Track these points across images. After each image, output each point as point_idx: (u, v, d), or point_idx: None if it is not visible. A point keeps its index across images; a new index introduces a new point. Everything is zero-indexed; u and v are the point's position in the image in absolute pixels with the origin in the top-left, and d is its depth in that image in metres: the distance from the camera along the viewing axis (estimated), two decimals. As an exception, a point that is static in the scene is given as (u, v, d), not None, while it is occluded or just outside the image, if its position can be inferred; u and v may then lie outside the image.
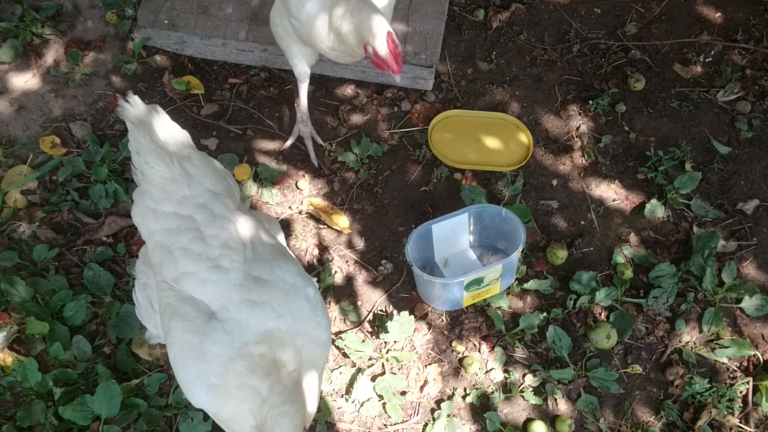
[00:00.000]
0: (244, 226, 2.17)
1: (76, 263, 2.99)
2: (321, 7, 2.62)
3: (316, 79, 3.48)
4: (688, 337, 2.92)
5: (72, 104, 3.41)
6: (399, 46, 2.48)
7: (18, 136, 3.31)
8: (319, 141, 3.33)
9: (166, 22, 3.50)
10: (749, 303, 2.93)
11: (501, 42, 3.65)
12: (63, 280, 2.90)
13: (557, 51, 3.63)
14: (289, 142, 3.32)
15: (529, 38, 3.67)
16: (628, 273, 3.01)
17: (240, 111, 3.45)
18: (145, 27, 3.51)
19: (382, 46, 2.45)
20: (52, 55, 3.53)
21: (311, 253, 3.11)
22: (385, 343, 2.89)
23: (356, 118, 3.43)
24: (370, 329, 2.94)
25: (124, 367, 2.77)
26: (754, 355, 2.87)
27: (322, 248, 3.12)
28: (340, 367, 2.84)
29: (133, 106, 2.22)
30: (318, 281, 3.02)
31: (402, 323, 2.86)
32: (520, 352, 2.89)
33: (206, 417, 2.66)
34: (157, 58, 3.54)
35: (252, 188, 3.21)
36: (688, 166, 3.27)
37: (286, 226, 3.17)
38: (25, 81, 3.46)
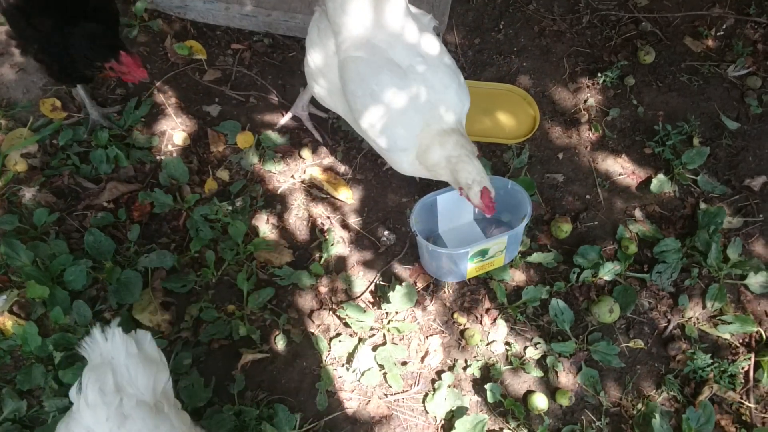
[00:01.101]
0: None
1: (76, 228, 2.97)
2: (408, 145, 2.60)
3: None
4: (691, 312, 2.91)
5: (73, 67, 3.36)
6: (493, 198, 2.51)
7: (18, 98, 3.26)
8: (322, 114, 3.28)
9: (168, -15, 3.44)
10: (754, 280, 2.91)
11: (510, 12, 3.59)
12: (63, 245, 2.88)
13: (567, 22, 3.57)
14: (283, 121, 3.27)
15: (539, 8, 3.60)
16: (633, 248, 2.99)
17: (243, 77, 3.40)
18: (147, -10, 3.45)
19: (476, 199, 2.51)
20: (52, 17, 3.47)
21: (313, 222, 3.09)
22: (387, 313, 2.87)
23: (361, 87, 3.38)
24: (371, 299, 2.93)
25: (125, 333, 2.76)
26: (757, 332, 2.86)
27: (325, 218, 3.09)
28: (340, 335, 2.83)
29: (108, 340, 1.96)
30: (320, 252, 3.00)
31: (404, 294, 2.84)
32: (522, 325, 2.88)
33: (207, 383, 2.66)
34: (159, 22, 3.48)
35: (254, 157, 3.17)
36: (696, 141, 3.23)
37: (289, 195, 3.14)
38: (25, 43, 3.40)
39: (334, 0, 2.48)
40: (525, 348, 2.83)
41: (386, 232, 3.06)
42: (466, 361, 2.82)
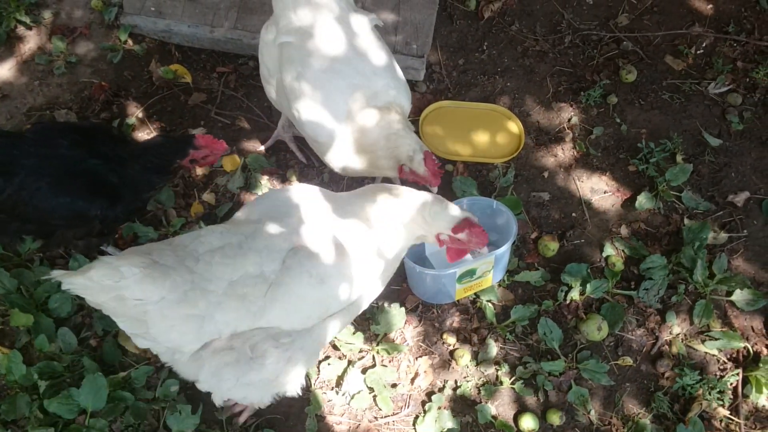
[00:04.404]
0: None
1: (60, 254, 2.93)
2: (342, 131, 2.56)
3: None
4: (679, 329, 2.92)
5: (57, 92, 3.35)
6: (438, 165, 2.47)
7: (1, 124, 3.24)
8: None
9: (152, 9, 3.44)
10: (740, 296, 2.93)
11: (493, 32, 3.62)
12: (48, 272, 2.83)
13: (549, 42, 3.60)
14: (267, 144, 3.26)
15: (521, 29, 3.64)
16: (619, 265, 3.01)
17: (229, 100, 3.40)
18: (131, 14, 3.45)
19: (420, 167, 2.44)
20: (36, 42, 3.47)
21: (301, 244, 3.07)
22: (376, 335, 2.86)
23: (346, 109, 3.39)
24: (360, 321, 2.91)
25: (110, 360, 2.73)
26: (744, 347, 2.87)
27: (312, 240, 3.08)
28: (329, 359, 2.81)
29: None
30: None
31: (393, 315, 2.83)
32: (510, 345, 2.88)
33: (194, 410, 2.63)
34: (144, 45, 3.48)
35: (241, 179, 3.16)
36: (679, 158, 3.26)
37: (276, 217, 3.13)
38: (8, 69, 3.39)
39: None
40: (514, 367, 2.83)
41: (374, 254, 3.05)
42: (455, 381, 2.81)
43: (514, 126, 3.35)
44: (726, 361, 2.87)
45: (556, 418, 2.71)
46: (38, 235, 2.79)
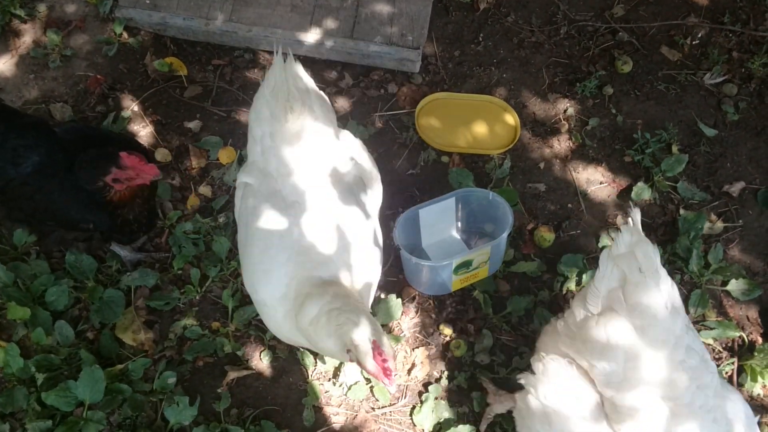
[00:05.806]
0: None
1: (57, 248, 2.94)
2: (276, 294, 2.16)
3: (300, 61, 3.43)
4: (675, 318, 2.93)
5: (52, 86, 3.35)
6: (389, 359, 1.94)
7: (-4, 118, 3.23)
8: None
9: (148, 2, 3.43)
10: (735, 286, 2.94)
11: (488, 24, 3.62)
12: (44, 265, 2.85)
13: (545, 33, 3.60)
14: None
15: (517, 20, 3.64)
16: (615, 255, 3.01)
17: (224, 93, 3.39)
18: (126, 7, 3.44)
19: (369, 363, 1.94)
20: (31, 35, 3.46)
21: (297, 236, 3.08)
22: (373, 326, 2.87)
23: (342, 101, 3.39)
24: (357, 313, 2.92)
25: (107, 353, 2.74)
26: (740, 337, 2.89)
27: (309, 232, 3.09)
28: (327, 350, 2.82)
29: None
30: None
31: (389, 306, 2.84)
32: (507, 335, 2.89)
33: (192, 402, 2.64)
34: (139, 38, 3.47)
35: (237, 172, 3.16)
36: (674, 148, 3.27)
37: (272, 209, 3.13)
38: (3, 62, 3.39)
39: (252, 112, 2.31)
40: (511, 358, 2.83)
41: (370, 245, 3.06)
42: (452, 372, 2.82)
43: (510, 117, 3.35)
44: (721, 350, 2.89)
45: (552, 408, 2.72)
46: (34, 232, 2.78)
